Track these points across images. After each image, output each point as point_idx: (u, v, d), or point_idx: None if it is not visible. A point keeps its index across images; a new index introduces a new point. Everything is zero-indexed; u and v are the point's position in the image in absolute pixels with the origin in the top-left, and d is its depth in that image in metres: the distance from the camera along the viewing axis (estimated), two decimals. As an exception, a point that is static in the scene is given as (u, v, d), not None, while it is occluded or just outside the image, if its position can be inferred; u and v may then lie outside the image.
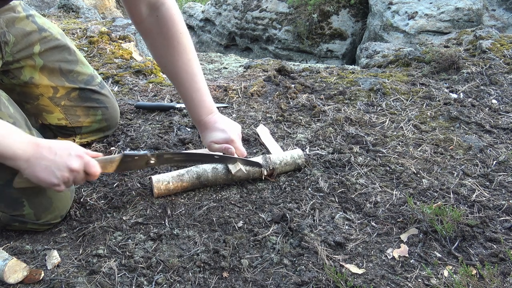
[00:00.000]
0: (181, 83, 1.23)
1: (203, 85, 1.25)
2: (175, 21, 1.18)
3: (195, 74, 1.23)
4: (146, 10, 1.16)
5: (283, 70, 2.12)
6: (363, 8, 4.68)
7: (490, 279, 0.88)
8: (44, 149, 0.95)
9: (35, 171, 0.94)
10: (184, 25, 1.21)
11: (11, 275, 0.92)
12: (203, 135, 1.28)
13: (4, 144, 0.90)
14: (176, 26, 1.19)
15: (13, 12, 1.25)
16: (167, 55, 1.21)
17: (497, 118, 1.64)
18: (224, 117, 1.28)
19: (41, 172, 0.94)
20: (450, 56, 2.04)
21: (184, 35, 1.20)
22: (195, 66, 1.23)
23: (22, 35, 1.25)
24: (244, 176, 1.26)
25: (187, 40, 1.21)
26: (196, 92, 1.24)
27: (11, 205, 1.05)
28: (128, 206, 1.19)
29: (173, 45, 1.19)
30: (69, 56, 1.38)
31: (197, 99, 1.24)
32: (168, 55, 1.20)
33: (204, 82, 1.26)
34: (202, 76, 1.25)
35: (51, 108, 1.36)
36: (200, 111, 1.25)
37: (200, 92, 1.24)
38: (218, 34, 5.64)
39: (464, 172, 1.31)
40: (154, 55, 1.27)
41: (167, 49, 1.19)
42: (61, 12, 3.38)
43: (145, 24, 1.19)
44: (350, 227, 1.11)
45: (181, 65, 1.21)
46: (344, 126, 1.58)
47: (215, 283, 0.95)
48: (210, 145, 1.25)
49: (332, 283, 0.92)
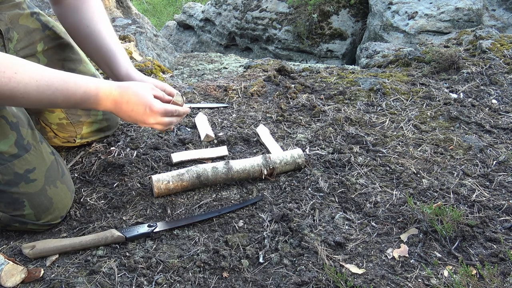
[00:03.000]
0: (104, 40, 1.26)
1: (118, 40, 1.32)
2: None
3: (112, 29, 1.30)
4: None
5: (283, 70, 2.12)
6: (363, 8, 4.68)
7: (490, 279, 0.88)
8: (122, 105, 1.06)
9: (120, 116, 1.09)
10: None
11: (8, 279, 0.92)
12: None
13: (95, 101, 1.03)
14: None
15: (18, 8, 1.25)
16: (86, 16, 1.26)
17: (497, 118, 1.64)
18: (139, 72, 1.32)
19: (127, 118, 1.09)
20: (450, 56, 2.04)
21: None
22: (109, 22, 1.31)
23: (26, 32, 1.25)
24: (244, 175, 1.26)
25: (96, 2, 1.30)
26: (118, 45, 1.29)
27: (11, 205, 1.05)
28: (128, 206, 1.19)
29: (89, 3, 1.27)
30: (72, 55, 1.38)
31: (122, 52, 1.29)
32: (87, 15, 1.26)
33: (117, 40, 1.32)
34: (113, 34, 1.31)
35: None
36: (127, 64, 1.28)
37: (121, 46, 1.31)
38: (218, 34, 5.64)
39: (464, 172, 1.31)
40: (70, 20, 1.30)
41: (86, 11, 1.26)
42: (61, 12, 3.38)
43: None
44: (350, 227, 1.11)
45: (102, 21, 1.27)
46: (344, 126, 1.58)
47: (215, 283, 0.95)
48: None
49: (332, 283, 0.93)
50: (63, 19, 1.29)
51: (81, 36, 1.27)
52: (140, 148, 1.46)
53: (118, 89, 1.06)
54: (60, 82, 0.96)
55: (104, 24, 1.28)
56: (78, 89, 0.99)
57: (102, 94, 1.03)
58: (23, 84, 0.90)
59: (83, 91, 1.00)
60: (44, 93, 0.94)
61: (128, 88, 1.07)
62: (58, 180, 1.11)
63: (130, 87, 1.07)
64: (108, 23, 1.31)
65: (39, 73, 0.93)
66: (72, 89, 0.98)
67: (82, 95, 1.00)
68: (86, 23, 1.25)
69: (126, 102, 1.06)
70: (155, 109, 1.08)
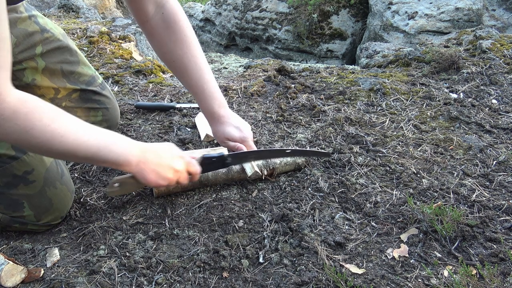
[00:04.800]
0: (191, 76, 1.24)
1: (212, 77, 1.26)
2: (180, 16, 1.20)
3: (204, 66, 1.24)
4: (152, 9, 1.18)
5: (283, 70, 2.12)
6: (363, 8, 4.68)
7: (490, 279, 0.88)
8: (150, 153, 0.99)
9: (144, 175, 0.99)
10: (187, 20, 1.24)
11: (8, 279, 0.92)
12: (216, 129, 1.27)
13: (118, 151, 0.94)
14: (181, 20, 1.20)
15: (15, 12, 1.24)
16: (175, 49, 1.22)
17: (497, 118, 1.64)
18: (235, 114, 1.29)
19: (150, 175, 0.99)
20: (450, 56, 2.04)
21: (189, 28, 1.22)
22: (202, 58, 1.24)
23: (24, 36, 1.25)
24: (244, 175, 1.26)
25: (192, 33, 1.23)
26: (206, 83, 1.24)
27: (11, 207, 1.05)
28: (128, 206, 1.19)
29: (180, 38, 1.20)
30: (71, 57, 1.37)
31: (208, 90, 1.24)
32: (176, 49, 1.21)
33: (212, 74, 1.27)
34: (209, 68, 1.26)
35: None
36: (212, 102, 1.25)
37: (211, 84, 1.25)
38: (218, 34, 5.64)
39: (464, 172, 1.31)
40: (161, 52, 1.27)
41: (174, 44, 1.21)
42: (61, 12, 3.38)
43: (151, 23, 1.20)
44: (350, 227, 1.11)
45: (190, 57, 1.22)
46: (344, 126, 1.58)
47: (215, 283, 0.95)
48: (223, 141, 1.25)
49: (332, 283, 0.93)
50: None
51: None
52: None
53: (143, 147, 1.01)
54: (94, 150, 0.91)
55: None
56: (107, 158, 0.94)
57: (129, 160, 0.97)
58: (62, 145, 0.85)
59: (111, 161, 0.95)
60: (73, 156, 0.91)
61: (154, 144, 1.05)
62: (58, 181, 1.11)
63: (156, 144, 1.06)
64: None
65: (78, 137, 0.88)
66: (103, 158, 0.93)
67: (109, 163, 0.96)
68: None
69: (153, 151, 1.01)
70: (184, 154, 1.06)
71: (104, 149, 0.91)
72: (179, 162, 1.03)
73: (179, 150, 1.06)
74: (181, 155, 1.05)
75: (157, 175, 0.99)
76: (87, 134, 0.89)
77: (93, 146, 0.90)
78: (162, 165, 1.00)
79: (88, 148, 0.89)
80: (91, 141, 0.89)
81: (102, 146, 0.91)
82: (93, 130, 0.92)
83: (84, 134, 0.89)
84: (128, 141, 0.98)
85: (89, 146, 0.89)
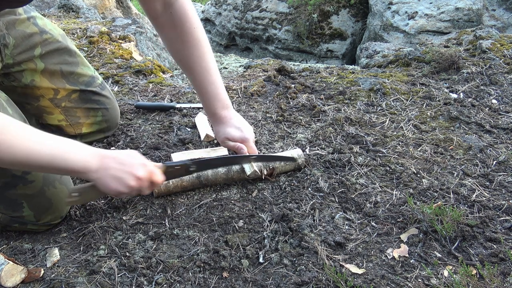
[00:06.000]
0: (196, 76, 1.24)
1: (218, 79, 1.26)
2: (188, 15, 1.20)
3: (210, 67, 1.24)
4: (160, 7, 1.18)
5: (283, 70, 2.12)
6: (363, 8, 4.68)
7: (490, 279, 0.88)
8: (110, 160, 0.96)
9: (104, 182, 0.95)
10: (198, 20, 1.23)
11: (8, 279, 0.92)
12: (217, 129, 1.28)
13: (74, 159, 0.92)
14: (190, 20, 1.20)
15: (13, 14, 1.24)
16: (182, 49, 1.22)
17: (497, 118, 1.64)
18: (238, 115, 1.29)
19: (110, 182, 0.95)
20: (450, 56, 2.04)
21: (198, 29, 1.22)
22: (209, 60, 1.24)
23: (23, 38, 1.25)
24: (244, 175, 1.26)
25: (201, 34, 1.23)
26: (211, 84, 1.24)
27: (10, 207, 1.05)
28: (128, 206, 1.19)
29: (187, 39, 1.21)
30: (70, 58, 1.37)
31: (212, 92, 1.25)
32: (183, 49, 1.22)
33: (219, 76, 1.27)
34: (217, 70, 1.26)
35: (51, 109, 1.36)
36: (215, 104, 1.25)
37: (215, 85, 1.25)
38: (218, 34, 5.64)
39: (464, 172, 1.31)
40: (170, 49, 1.28)
41: (181, 43, 1.21)
42: (61, 12, 3.38)
43: (160, 20, 1.20)
44: (350, 227, 1.11)
45: (196, 58, 1.22)
46: (344, 126, 1.58)
47: (215, 283, 0.95)
48: (224, 141, 1.26)
49: (332, 283, 0.93)
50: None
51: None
52: (140, 148, 1.46)
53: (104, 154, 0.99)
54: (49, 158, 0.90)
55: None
56: (64, 166, 0.92)
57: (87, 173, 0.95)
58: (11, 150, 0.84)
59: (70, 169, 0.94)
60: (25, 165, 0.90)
61: (116, 151, 1.02)
62: (57, 181, 1.11)
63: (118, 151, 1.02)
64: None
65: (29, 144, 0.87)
66: (59, 166, 0.92)
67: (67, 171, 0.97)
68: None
69: (114, 158, 0.98)
70: (147, 162, 1.02)
71: (59, 157, 0.89)
72: (141, 169, 0.98)
73: (142, 158, 1.02)
74: (143, 163, 1.00)
75: (118, 182, 0.95)
76: (39, 143, 0.88)
77: (47, 155, 0.88)
78: (124, 171, 0.96)
79: (41, 157, 0.87)
80: (44, 150, 0.88)
81: (57, 154, 0.89)
82: (48, 138, 0.90)
83: (36, 143, 0.87)
84: (87, 148, 0.95)
85: (42, 155, 0.87)
